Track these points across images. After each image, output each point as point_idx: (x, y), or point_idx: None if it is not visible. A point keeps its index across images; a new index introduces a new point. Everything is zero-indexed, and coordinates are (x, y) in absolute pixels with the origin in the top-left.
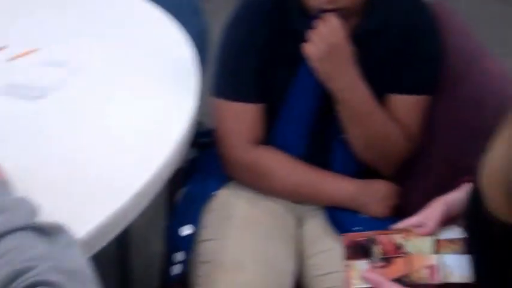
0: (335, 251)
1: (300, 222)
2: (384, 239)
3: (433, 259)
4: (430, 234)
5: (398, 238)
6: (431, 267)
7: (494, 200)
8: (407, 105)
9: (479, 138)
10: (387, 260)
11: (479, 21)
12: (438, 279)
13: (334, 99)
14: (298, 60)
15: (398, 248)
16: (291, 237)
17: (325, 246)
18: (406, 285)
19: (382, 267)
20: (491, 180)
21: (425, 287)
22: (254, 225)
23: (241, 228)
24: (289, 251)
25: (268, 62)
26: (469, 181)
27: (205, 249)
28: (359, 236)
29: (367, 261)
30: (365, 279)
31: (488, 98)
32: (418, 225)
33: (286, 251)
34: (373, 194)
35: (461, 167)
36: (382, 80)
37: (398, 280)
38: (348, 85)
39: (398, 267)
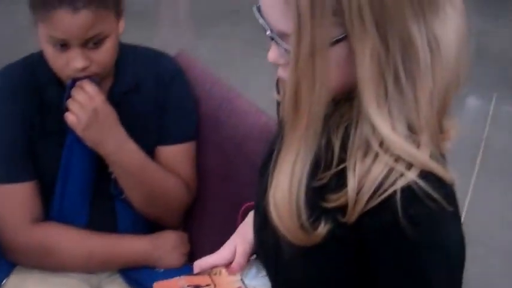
0: None
1: None
2: (193, 281)
3: (238, 284)
4: (238, 272)
5: (206, 280)
6: None
7: (287, 228)
8: (176, 155)
9: (248, 172)
10: None
11: (221, 63)
12: None
13: (107, 162)
14: (64, 131)
15: (207, 286)
16: None
17: None
18: None
19: None
20: (280, 210)
21: None
22: None
23: None
24: None
25: (32, 137)
26: (248, 209)
27: None
28: (170, 282)
29: None
30: None
31: (247, 134)
32: (224, 263)
33: None
34: (164, 246)
35: (238, 201)
36: (148, 134)
37: None
38: (117, 147)
39: None
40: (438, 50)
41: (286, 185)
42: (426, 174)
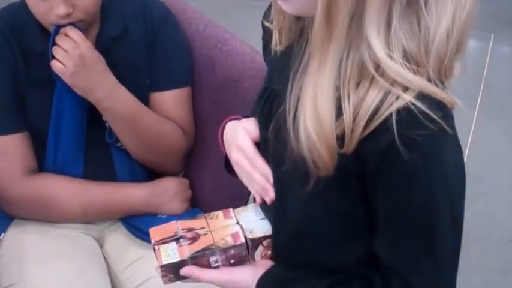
0: (146, 258)
1: (100, 241)
2: (188, 225)
3: (235, 228)
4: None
5: (202, 224)
6: (233, 234)
7: (319, 159)
8: (171, 101)
9: (245, 113)
10: (193, 238)
11: (214, 10)
12: (242, 240)
13: (99, 110)
14: (51, 80)
15: (202, 228)
16: (97, 257)
17: (135, 256)
18: (213, 253)
19: (189, 244)
20: (324, 125)
21: (233, 248)
22: (54, 256)
23: (42, 263)
24: (99, 271)
25: (19, 88)
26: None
27: None
28: (165, 226)
29: (175, 242)
30: (184, 275)
31: (244, 74)
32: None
33: (97, 272)
34: (165, 193)
35: None
36: (139, 80)
37: (206, 249)
38: (108, 93)
39: (204, 241)
40: None
41: (329, 104)
42: (424, 96)
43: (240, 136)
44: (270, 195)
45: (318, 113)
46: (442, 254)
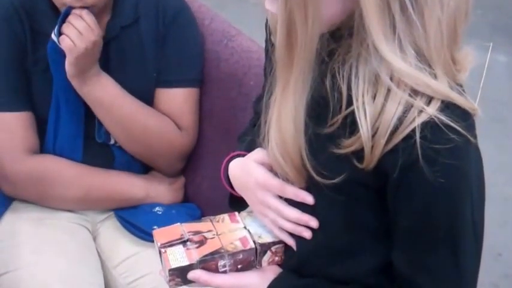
0: (140, 255)
1: (94, 234)
2: (194, 228)
3: (243, 233)
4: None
5: (208, 227)
6: (242, 239)
7: (288, 171)
8: (177, 99)
9: (246, 112)
10: (201, 242)
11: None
12: (251, 244)
13: (79, 94)
14: None
15: (209, 232)
16: (91, 250)
17: (129, 252)
18: (222, 257)
19: (196, 247)
20: (288, 148)
21: (241, 253)
22: (48, 246)
23: (36, 252)
24: (92, 264)
25: (24, 68)
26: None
27: (2, 284)
28: (170, 229)
29: (182, 245)
30: (191, 279)
31: (249, 71)
32: None
33: (90, 264)
34: (161, 183)
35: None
36: (147, 73)
37: (215, 252)
38: (96, 82)
39: (212, 245)
40: None
41: (291, 127)
42: (447, 106)
43: (258, 173)
44: (311, 223)
45: (282, 136)
46: (465, 266)
